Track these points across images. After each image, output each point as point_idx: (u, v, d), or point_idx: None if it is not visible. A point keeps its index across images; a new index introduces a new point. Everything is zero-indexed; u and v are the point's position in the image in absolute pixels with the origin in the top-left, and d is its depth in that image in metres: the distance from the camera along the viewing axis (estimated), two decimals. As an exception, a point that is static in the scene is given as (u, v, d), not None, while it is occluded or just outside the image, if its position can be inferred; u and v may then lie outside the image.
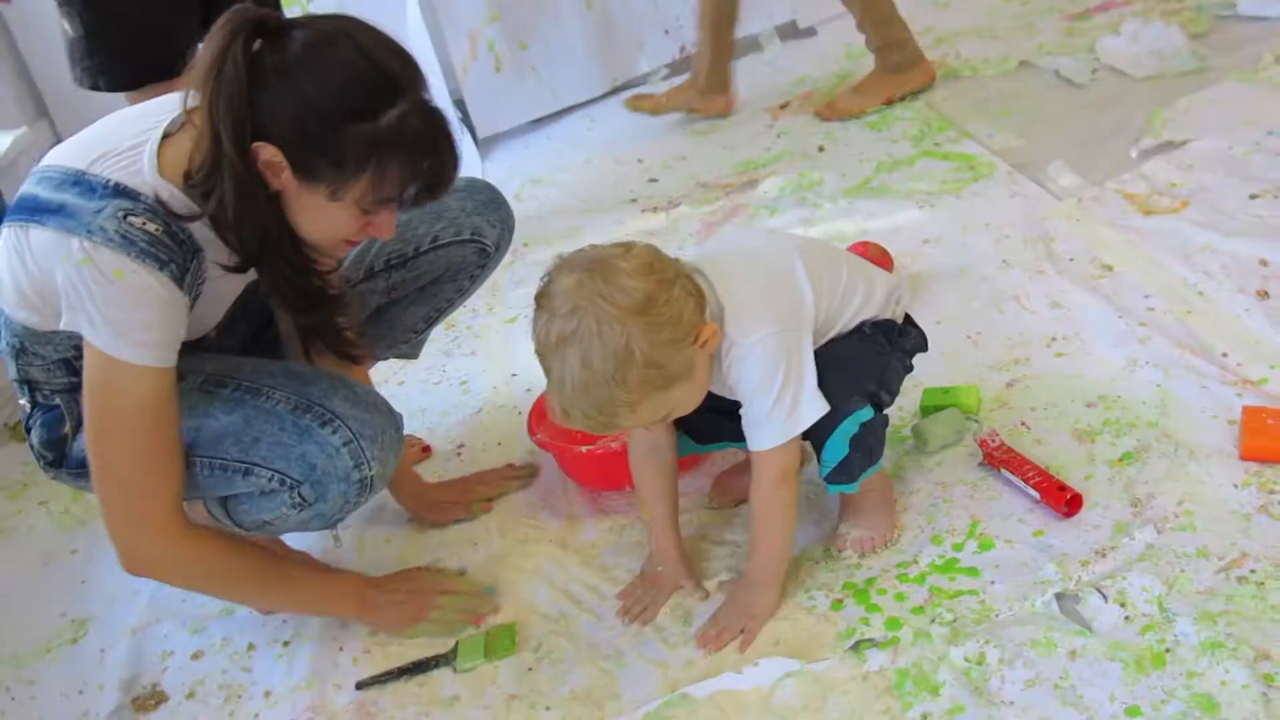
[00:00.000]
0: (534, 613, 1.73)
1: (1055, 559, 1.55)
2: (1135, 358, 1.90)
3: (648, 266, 1.41)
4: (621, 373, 1.37)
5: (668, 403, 1.45)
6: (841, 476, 1.59)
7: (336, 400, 1.60)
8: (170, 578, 1.63)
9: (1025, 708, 1.37)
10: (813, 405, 1.51)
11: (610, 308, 1.37)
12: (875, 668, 1.47)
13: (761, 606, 1.58)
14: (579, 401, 1.40)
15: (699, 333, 1.43)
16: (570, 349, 1.37)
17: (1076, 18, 3.36)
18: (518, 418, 2.20)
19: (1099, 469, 1.69)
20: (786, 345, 1.49)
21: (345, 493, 1.60)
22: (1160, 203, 2.32)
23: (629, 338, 1.36)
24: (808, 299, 1.53)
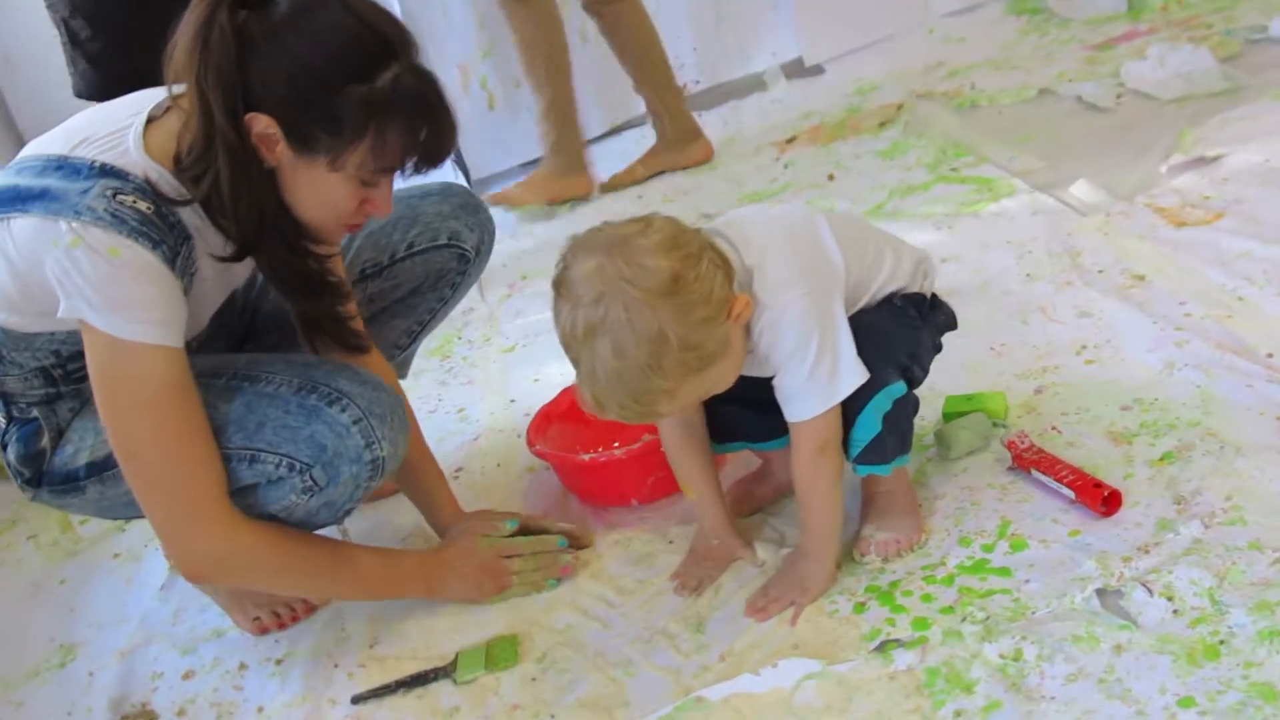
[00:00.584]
0: (537, 625, 1.70)
1: (1094, 556, 1.52)
2: (1173, 361, 1.88)
3: (670, 241, 1.39)
4: (657, 359, 1.35)
5: (705, 383, 1.43)
6: (873, 456, 1.57)
7: (342, 379, 1.59)
8: (234, 575, 1.62)
9: (1068, 702, 1.33)
10: (853, 371, 1.49)
11: (638, 291, 1.35)
12: (903, 667, 1.43)
13: (814, 579, 1.57)
14: (614, 392, 1.38)
15: (731, 307, 1.42)
16: (600, 339, 1.35)
17: (1099, 47, 3.40)
18: (517, 440, 2.18)
19: (1138, 469, 1.67)
20: (820, 306, 1.47)
21: (357, 475, 1.59)
22: (1193, 215, 2.32)
23: (661, 322, 1.34)
24: (836, 261, 1.52)
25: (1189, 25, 3.35)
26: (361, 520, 2.06)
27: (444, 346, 2.69)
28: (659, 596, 1.69)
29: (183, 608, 1.97)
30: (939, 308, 1.69)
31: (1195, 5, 3.51)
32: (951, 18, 3.92)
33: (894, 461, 1.59)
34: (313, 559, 1.65)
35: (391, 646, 1.74)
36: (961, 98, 3.28)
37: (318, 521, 1.66)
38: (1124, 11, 3.64)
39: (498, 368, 2.50)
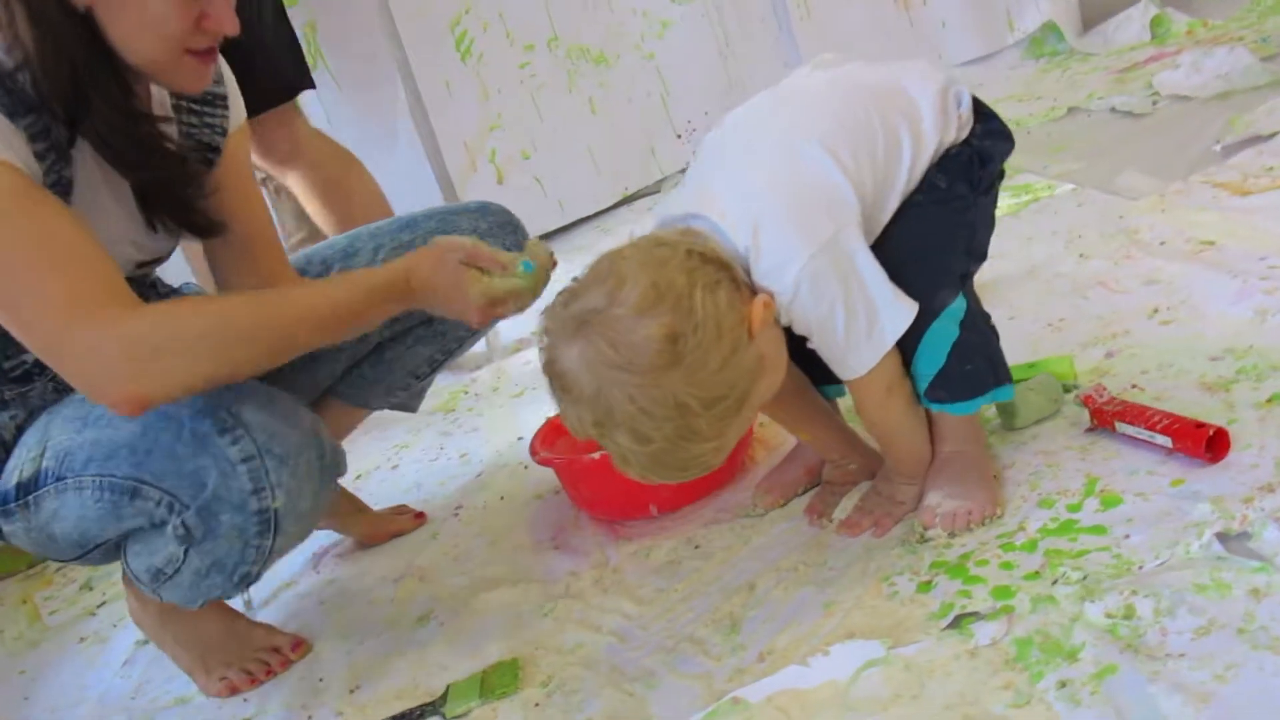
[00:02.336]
0: (541, 646, 1.40)
1: (1207, 501, 1.21)
2: (1265, 308, 1.59)
3: (650, 295, 1.12)
4: (686, 430, 1.14)
5: (752, 411, 1.23)
6: (942, 392, 1.31)
7: (248, 406, 1.29)
8: (166, 365, 1.19)
9: (1202, 658, 1.01)
10: (895, 312, 1.24)
11: (635, 377, 1.12)
12: (985, 642, 1.12)
13: (906, 493, 1.39)
14: (656, 471, 1.18)
15: (749, 322, 1.17)
16: (617, 432, 1.14)
17: (1126, 70, 3.17)
18: (523, 472, 1.90)
19: (1243, 413, 1.36)
20: (833, 262, 1.21)
21: (241, 528, 1.30)
22: (1259, 184, 2.04)
23: (675, 395, 1.12)
24: (841, 191, 1.23)
25: (1217, 42, 3.11)
26: (342, 568, 1.78)
27: (449, 402, 2.42)
28: (684, 602, 1.39)
29: (146, 680, 1.69)
30: (989, 156, 1.34)
31: (1220, 26, 3.28)
32: (968, 66, 3.71)
33: (974, 400, 1.33)
34: (251, 305, 1.29)
35: (373, 690, 1.44)
36: (987, 126, 3.04)
37: (210, 586, 1.37)
38: (1148, 40, 3.42)
39: (505, 412, 2.23)
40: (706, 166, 1.30)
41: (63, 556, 1.42)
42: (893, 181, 1.28)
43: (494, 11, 3.29)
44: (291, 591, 1.78)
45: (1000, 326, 1.63)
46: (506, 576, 1.59)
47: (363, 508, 1.87)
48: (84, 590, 2.08)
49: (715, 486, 1.60)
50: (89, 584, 2.09)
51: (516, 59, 3.34)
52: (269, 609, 1.75)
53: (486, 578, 1.60)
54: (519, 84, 3.34)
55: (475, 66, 3.31)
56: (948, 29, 3.69)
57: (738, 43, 3.59)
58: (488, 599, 1.53)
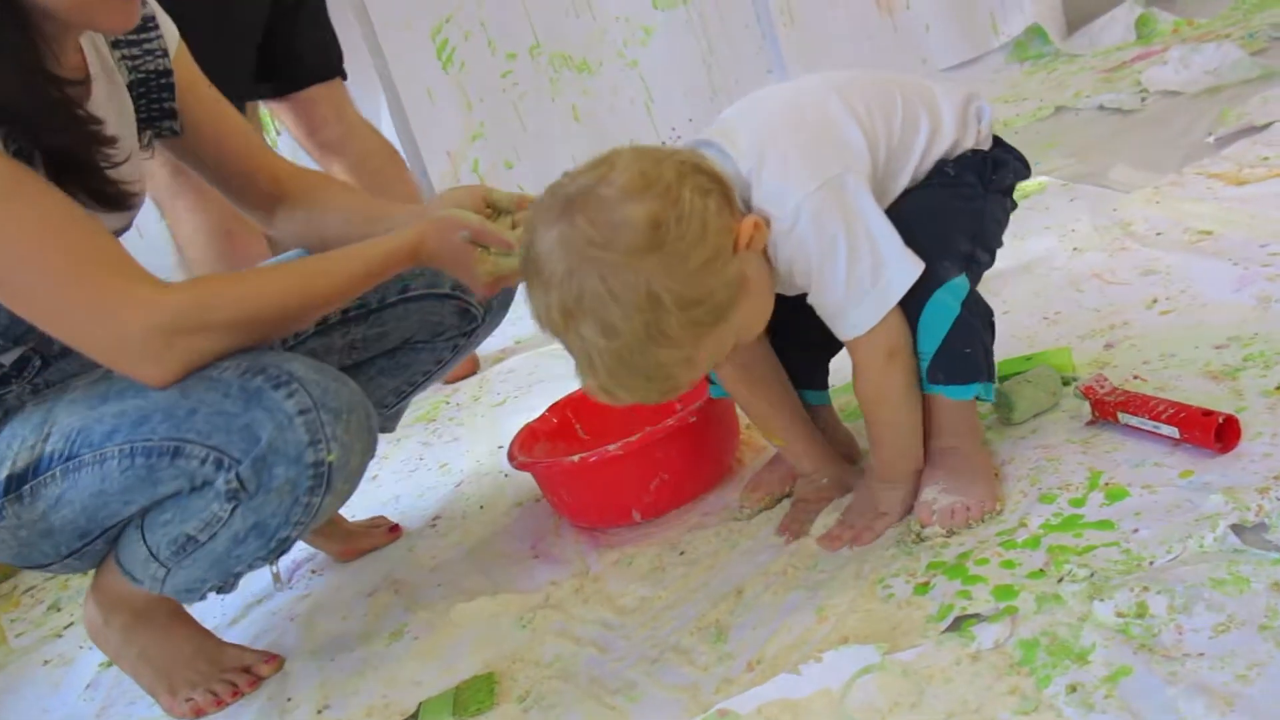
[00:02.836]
0: (518, 660, 1.31)
1: (1220, 492, 1.13)
2: (1268, 295, 1.51)
3: (639, 181, 1.07)
4: (656, 327, 1.05)
5: (729, 334, 1.13)
6: (941, 373, 1.22)
7: (296, 364, 1.26)
8: (203, 340, 1.23)
9: (1224, 657, 0.93)
10: (902, 263, 1.17)
11: (611, 255, 1.04)
12: (989, 645, 1.04)
13: (890, 503, 1.28)
14: (620, 377, 1.08)
15: (736, 235, 1.10)
16: (583, 322, 1.06)
17: (1113, 69, 3.11)
18: (503, 480, 1.82)
19: (1253, 400, 1.28)
20: (839, 197, 1.15)
21: (295, 482, 1.24)
22: (1255, 173, 1.97)
23: (649, 283, 1.04)
24: (854, 138, 1.19)
25: (1204, 39, 3.05)
26: (315, 583, 1.69)
27: (430, 412, 2.34)
28: (669, 610, 1.30)
29: (109, 703, 1.59)
30: (1004, 163, 1.33)
31: (1206, 25, 3.22)
32: (952, 71, 3.65)
33: (970, 385, 1.24)
34: (280, 284, 1.29)
35: (343, 709, 1.35)
36: (974, 127, 2.97)
37: (243, 554, 1.30)
38: (1134, 40, 3.36)
39: (486, 421, 2.15)
40: (724, 114, 1.26)
41: (50, 557, 1.33)
42: (906, 156, 1.23)
43: (476, 20, 3.22)
44: (262, 608, 1.69)
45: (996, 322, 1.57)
46: (484, 588, 1.50)
47: (338, 521, 1.78)
48: (51, 611, 1.99)
49: (701, 489, 1.51)
50: (57, 605, 2.00)
51: (499, 67, 3.28)
52: (239, 627, 1.66)
53: (463, 589, 1.51)
54: (501, 92, 3.27)
55: (457, 75, 3.24)
56: (931, 33, 3.64)
57: (721, 49, 3.52)
58: (464, 611, 1.44)
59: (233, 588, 1.37)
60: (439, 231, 1.37)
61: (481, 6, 3.20)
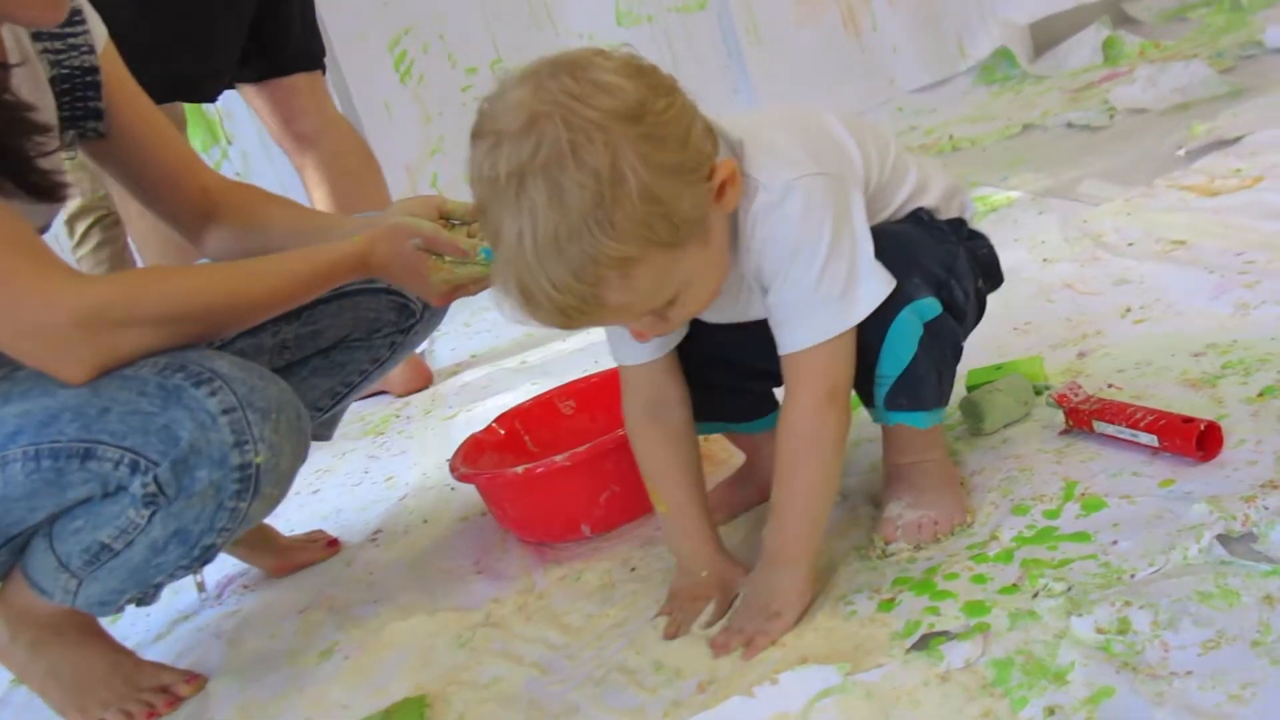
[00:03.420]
0: (454, 681, 1.20)
1: (1204, 501, 1.04)
2: (1246, 301, 1.44)
3: (634, 69, 0.96)
4: (610, 205, 0.90)
5: (674, 275, 0.97)
6: (905, 399, 1.12)
7: (221, 361, 1.16)
8: (129, 331, 1.14)
9: (1214, 676, 0.84)
10: (875, 280, 1.07)
11: (588, 110, 0.90)
12: (958, 664, 0.94)
13: (786, 598, 1.08)
14: (547, 263, 0.91)
15: (713, 170, 0.98)
16: (531, 182, 0.90)
17: (1080, 89, 3.05)
18: (450, 495, 1.72)
19: (1234, 408, 1.21)
20: (835, 192, 1.05)
21: (219, 486, 1.14)
22: (1227, 184, 1.90)
23: (618, 152, 0.90)
24: (852, 153, 1.11)
25: (1171, 59, 3.01)
26: (246, 599, 1.58)
27: (380, 425, 2.24)
28: (616, 629, 1.20)
29: (18, 725, 1.47)
30: (980, 239, 1.26)
31: (1172, 47, 3.18)
32: (919, 94, 3.60)
33: (932, 411, 1.14)
34: (214, 283, 1.22)
35: (267, 733, 1.24)
36: (941, 145, 2.91)
37: (163, 563, 1.19)
38: (1101, 62, 3.31)
39: (436, 434, 2.04)
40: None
41: None
42: (889, 197, 1.16)
43: (435, 33, 3.14)
44: (189, 624, 1.58)
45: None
46: (422, 605, 1.40)
47: (271, 535, 1.67)
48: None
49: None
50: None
51: (459, 81, 3.20)
52: (162, 644, 1.54)
53: (400, 607, 1.41)
54: (461, 107, 3.19)
55: (416, 88, 3.15)
56: (899, 55, 3.59)
57: (687, 67, 3.45)
58: (399, 630, 1.34)
59: (153, 599, 1.27)
60: (390, 239, 1.29)
61: (441, 19, 3.12)
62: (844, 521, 1.24)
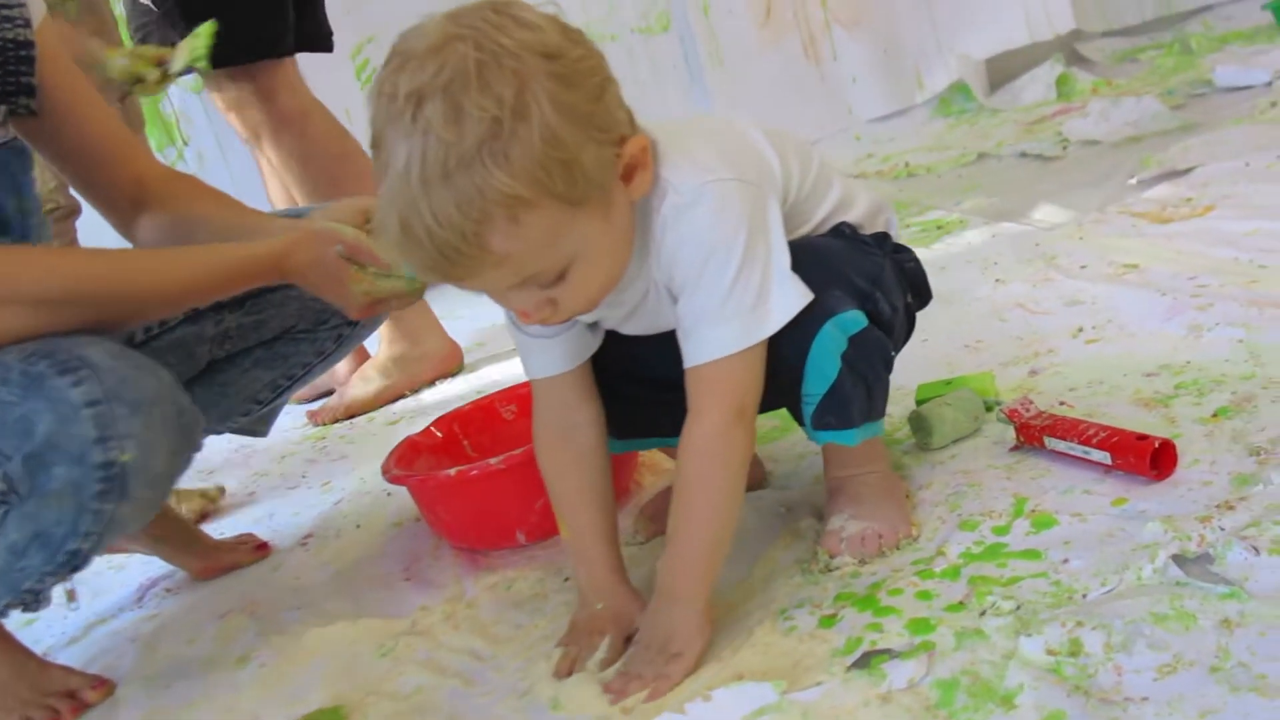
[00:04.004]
0: (374, 691, 1.11)
1: (1158, 520, 0.98)
2: (1199, 324, 1.39)
3: (558, 22, 0.88)
4: (507, 139, 0.81)
5: (566, 238, 0.88)
6: (832, 417, 1.05)
7: (94, 348, 1.05)
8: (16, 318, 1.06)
9: (1171, 702, 0.77)
10: (787, 291, 0.98)
11: (503, 39, 0.83)
12: (900, 684, 0.87)
13: (684, 638, 0.98)
14: (432, 191, 0.82)
15: (624, 143, 0.89)
16: (430, 102, 0.81)
17: (1034, 123, 3.02)
18: (386, 500, 1.63)
19: (1188, 428, 1.14)
20: (750, 199, 0.97)
21: (79, 485, 1.02)
22: (1179, 212, 1.86)
23: (525, 84, 0.82)
24: (772, 163, 1.03)
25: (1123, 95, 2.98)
26: (168, 603, 1.49)
27: (323, 430, 2.14)
28: (545, 641, 1.12)
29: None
30: (906, 253, 1.17)
31: (1123, 85, 3.16)
32: (877, 123, 3.56)
33: (862, 427, 1.06)
34: (104, 269, 1.13)
35: (174, 742, 1.14)
36: (897, 171, 2.86)
37: (27, 568, 1.09)
38: (1054, 98, 3.28)
39: (378, 440, 1.95)
40: None
41: None
42: (810, 208, 1.09)
43: (398, 42, 3.05)
44: (105, 628, 1.48)
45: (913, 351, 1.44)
46: (346, 612, 1.31)
47: (199, 537, 1.58)
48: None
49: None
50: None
51: (419, 91, 3.11)
52: (75, 647, 1.44)
53: (324, 613, 1.32)
54: (421, 116, 3.10)
55: (377, 97, 3.06)
56: (857, 84, 3.54)
57: (649, 88, 3.40)
58: (321, 636, 1.25)
59: (37, 606, 1.15)
60: (311, 244, 1.21)
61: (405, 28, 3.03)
62: (787, 535, 1.17)
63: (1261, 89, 2.59)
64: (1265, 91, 2.53)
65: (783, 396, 1.07)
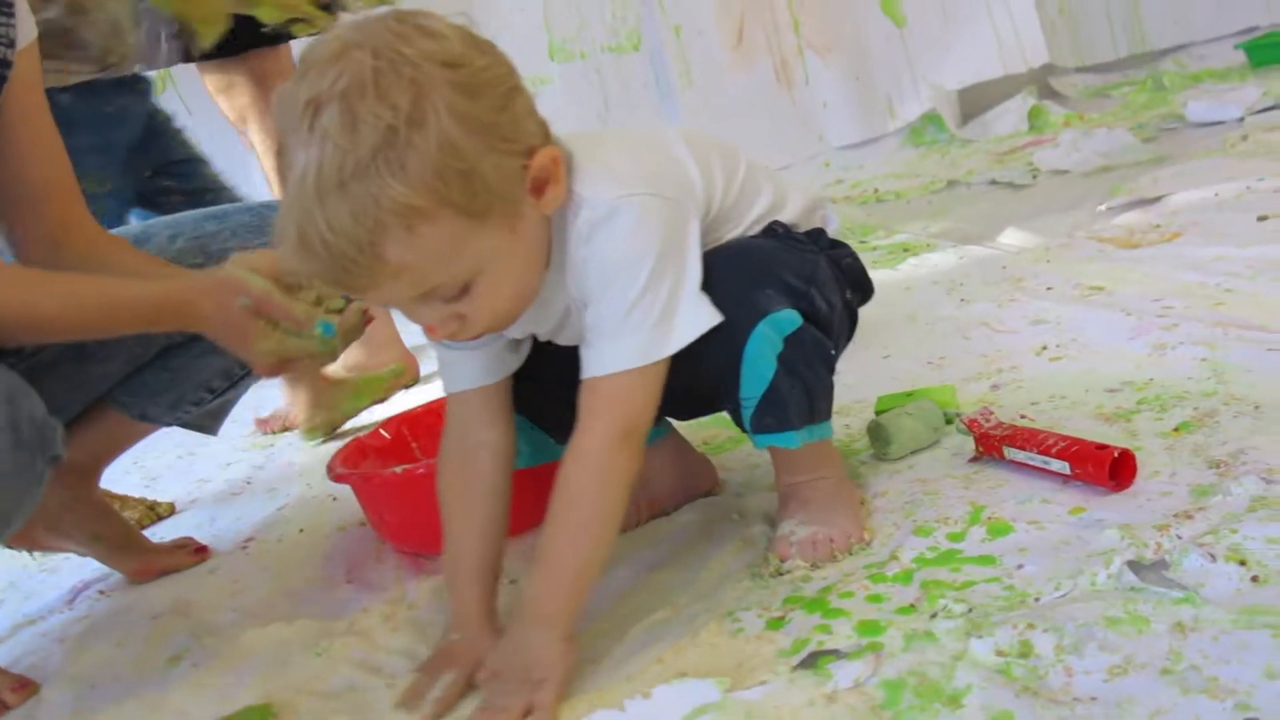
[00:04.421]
0: (304, 691, 1.09)
1: (1115, 528, 0.98)
2: (1164, 342, 1.40)
3: (468, 34, 0.88)
4: (401, 148, 0.81)
5: (467, 251, 0.87)
6: (768, 419, 1.04)
7: None
8: None
9: (1120, 703, 0.77)
10: (694, 311, 0.97)
11: (404, 49, 0.83)
12: (846, 684, 0.86)
13: (544, 664, 0.94)
14: (327, 200, 0.81)
15: (532, 154, 0.89)
16: (327, 109, 0.81)
17: (1005, 153, 3.05)
18: (331, 505, 1.61)
19: (1149, 441, 1.15)
20: (664, 214, 0.96)
21: None
22: (1147, 238, 1.87)
23: (422, 92, 0.82)
24: (693, 176, 1.02)
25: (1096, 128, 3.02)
26: (101, 605, 1.46)
27: (272, 438, 2.11)
28: (486, 642, 1.09)
29: None
30: (843, 248, 1.16)
31: (1095, 119, 3.20)
32: (847, 150, 3.58)
33: (804, 429, 1.05)
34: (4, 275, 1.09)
35: (95, 742, 1.11)
36: (865, 196, 2.88)
37: None
38: (1026, 130, 3.32)
39: (327, 449, 1.93)
40: None
41: None
42: (737, 215, 1.08)
43: (363, 51, 3.05)
44: (34, 629, 1.45)
45: (875, 367, 1.45)
46: (283, 613, 1.28)
47: (135, 539, 1.55)
48: None
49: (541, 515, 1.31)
50: None
51: (384, 102, 3.10)
52: (1, 649, 1.41)
53: (260, 614, 1.30)
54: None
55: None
56: (829, 110, 3.57)
57: (618, 108, 3.41)
58: (255, 637, 1.22)
59: None
60: (217, 293, 1.16)
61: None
62: (738, 541, 1.16)
63: (1233, 124, 2.62)
64: (1236, 126, 2.56)
65: (722, 402, 1.07)
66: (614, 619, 1.07)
